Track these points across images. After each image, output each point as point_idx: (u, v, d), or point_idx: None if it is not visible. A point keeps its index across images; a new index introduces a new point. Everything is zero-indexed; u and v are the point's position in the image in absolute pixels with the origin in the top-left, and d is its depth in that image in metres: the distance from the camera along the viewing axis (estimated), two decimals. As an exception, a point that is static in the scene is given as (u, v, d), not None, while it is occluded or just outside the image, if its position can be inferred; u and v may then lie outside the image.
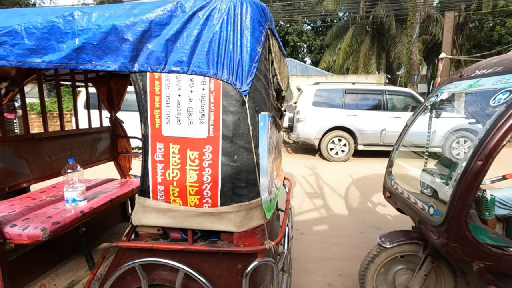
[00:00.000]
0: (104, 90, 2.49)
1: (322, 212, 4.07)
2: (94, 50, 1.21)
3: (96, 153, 2.46)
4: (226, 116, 1.19)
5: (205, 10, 1.15)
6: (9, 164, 1.72)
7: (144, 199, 1.30)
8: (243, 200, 1.25)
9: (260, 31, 1.19)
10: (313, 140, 7.16)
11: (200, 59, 1.17)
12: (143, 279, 1.34)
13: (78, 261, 2.03)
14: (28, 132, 1.92)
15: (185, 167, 1.23)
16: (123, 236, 1.38)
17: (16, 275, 1.66)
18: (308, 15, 17.19)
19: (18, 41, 1.25)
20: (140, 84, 1.22)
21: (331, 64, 16.58)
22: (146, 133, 1.25)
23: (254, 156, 1.23)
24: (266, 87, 1.28)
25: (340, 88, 7.19)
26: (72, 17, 1.21)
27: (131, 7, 1.19)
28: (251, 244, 1.29)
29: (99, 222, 2.32)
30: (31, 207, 1.85)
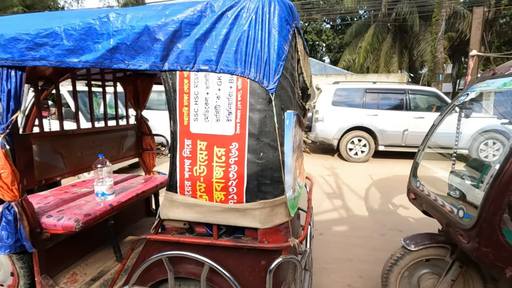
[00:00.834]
0: (130, 89, 2.59)
1: (342, 213, 4.02)
2: (127, 50, 1.26)
3: (123, 150, 2.56)
4: (253, 114, 1.21)
5: (234, 10, 1.17)
6: (46, 158, 1.83)
7: (172, 194, 1.34)
8: (268, 197, 1.26)
9: (287, 29, 1.20)
10: (332, 140, 7.07)
11: (228, 58, 1.19)
12: (169, 271, 1.38)
13: (106, 252, 2.12)
14: (62, 128, 2.03)
15: (211, 164, 1.26)
16: (151, 229, 1.43)
17: (51, 263, 1.76)
18: (328, 13, 16.94)
19: (57, 42, 1.33)
20: (169, 82, 1.26)
21: (350, 63, 16.26)
22: (175, 130, 1.29)
23: (279, 154, 1.24)
24: (292, 85, 1.29)
25: (361, 87, 7.05)
26: (108, 19, 1.27)
27: (163, 8, 1.23)
28: (275, 241, 1.30)
29: (125, 215, 2.41)
30: (64, 199, 1.96)
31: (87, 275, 1.86)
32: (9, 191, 1.52)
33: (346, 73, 13.76)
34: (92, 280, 1.80)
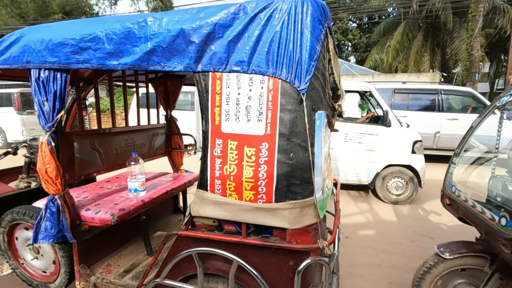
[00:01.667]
0: (161, 89, 2.69)
1: (368, 217, 3.91)
2: (163, 52, 1.31)
3: (154, 148, 2.66)
4: (284, 114, 1.21)
5: (267, 11, 1.18)
6: (85, 155, 1.95)
7: (203, 192, 1.38)
8: (298, 197, 1.26)
9: (320, 29, 1.19)
10: (358, 141, 6.87)
11: (260, 59, 1.20)
12: (199, 266, 1.42)
13: (137, 246, 2.21)
14: (100, 127, 2.15)
15: (242, 163, 1.28)
16: (182, 225, 1.48)
17: (88, 253, 1.87)
18: (354, 12, 16.51)
19: (100, 46, 1.41)
20: (202, 83, 1.30)
21: (378, 62, 15.73)
22: (207, 130, 1.32)
23: (309, 155, 1.24)
24: (323, 85, 1.28)
25: (389, 88, 6.81)
26: (145, 23, 1.33)
27: (197, 11, 1.27)
28: (304, 242, 1.30)
29: (154, 211, 2.51)
30: (100, 194, 2.07)
31: (120, 266, 1.96)
32: (53, 184, 1.63)
33: (373, 73, 13.33)
34: (125, 272, 1.89)
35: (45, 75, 1.55)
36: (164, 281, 1.51)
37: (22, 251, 1.99)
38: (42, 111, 1.58)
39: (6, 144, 8.59)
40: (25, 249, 1.98)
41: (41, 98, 1.57)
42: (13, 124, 8.39)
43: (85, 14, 12.92)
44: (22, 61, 1.58)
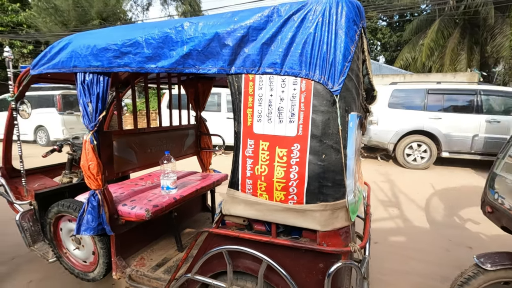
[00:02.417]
0: (192, 91, 2.78)
1: (398, 223, 3.76)
2: (199, 55, 1.36)
3: (184, 148, 2.76)
4: (316, 115, 1.21)
5: (301, 13, 1.19)
6: (123, 153, 2.07)
7: (234, 191, 1.41)
8: (329, 199, 1.25)
9: (354, 30, 1.18)
10: (388, 144, 6.64)
11: (293, 60, 1.21)
12: (229, 264, 1.45)
13: (168, 241, 2.30)
14: (136, 127, 2.27)
15: (273, 164, 1.30)
16: (213, 223, 1.52)
17: (124, 246, 1.98)
18: (384, 10, 15.94)
19: (139, 51, 1.49)
20: (235, 85, 1.33)
21: (409, 62, 15.04)
22: (239, 130, 1.35)
23: (342, 157, 1.22)
24: (357, 86, 1.26)
25: (422, 88, 6.50)
26: (182, 28, 1.39)
27: (232, 15, 1.31)
28: (334, 244, 1.28)
29: (184, 209, 2.59)
30: (135, 191, 2.18)
31: (152, 260, 2.05)
32: (94, 180, 1.75)
33: (404, 72, 12.77)
34: (157, 266, 1.98)
35: (89, 79, 1.66)
36: (195, 276, 1.56)
37: (66, 241, 2.15)
38: (86, 111, 1.70)
39: (48, 142, 9.28)
40: (68, 240, 2.14)
41: (85, 99, 1.69)
42: (54, 123, 9.04)
43: (119, 20, 13.66)
44: (69, 66, 1.71)
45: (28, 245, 2.26)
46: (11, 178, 2.38)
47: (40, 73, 1.86)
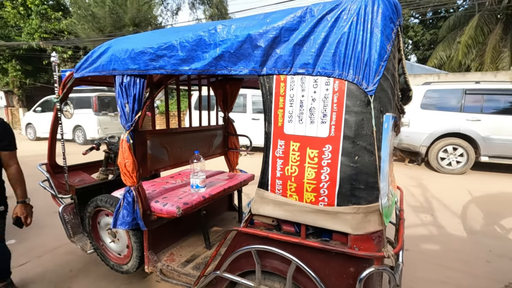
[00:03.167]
0: (220, 92, 2.83)
1: (431, 230, 3.57)
2: (231, 57, 1.39)
3: (212, 147, 2.82)
4: (349, 116, 1.19)
5: (334, 13, 1.18)
6: (156, 152, 2.16)
7: (263, 191, 1.42)
8: (362, 202, 1.22)
9: (391, 28, 1.15)
10: (420, 147, 6.33)
11: (326, 61, 1.20)
12: (257, 263, 1.46)
13: (196, 239, 2.36)
14: (168, 127, 2.36)
15: (304, 164, 1.29)
16: (242, 222, 1.54)
17: (156, 242, 2.06)
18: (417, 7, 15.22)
19: (174, 53, 1.55)
20: (266, 86, 1.34)
21: (444, 60, 14.23)
22: (269, 131, 1.36)
23: (376, 159, 1.19)
24: (392, 86, 1.22)
25: (459, 88, 6.12)
26: (215, 30, 1.42)
27: (264, 17, 1.32)
28: (366, 249, 1.25)
29: (212, 208, 2.64)
30: (166, 188, 2.26)
31: (182, 256, 2.12)
32: (130, 177, 1.84)
33: (438, 72, 12.09)
34: (186, 262, 2.04)
35: (127, 81, 1.76)
36: (224, 274, 1.59)
37: (103, 234, 2.28)
38: (123, 112, 1.79)
39: (85, 140, 9.89)
40: (105, 233, 2.26)
41: (123, 100, 1.78)
42: (91, 123, 9.63)
43: (150, 25, 14.26)
44: (109, 69, 1.81)
45: (69, 236, 2.42)
46: (55, 174, 2.56)
47: (83, 76, 1.99)
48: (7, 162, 1.91)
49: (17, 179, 1.95)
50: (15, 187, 1.95)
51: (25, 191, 1.99)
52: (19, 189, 1.96)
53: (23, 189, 1.99)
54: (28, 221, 2.00)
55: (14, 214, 1.97)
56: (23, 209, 1.99)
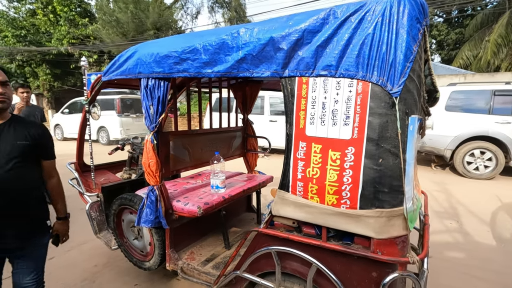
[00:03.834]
0: (240, 94, 2.87)
1: (456, 237, 3.42)
2: (253, 60, 1.41)
3: (232, 149, 2.86)
4: (373, 118, 1.17)
5: (358, 14, 1.17)
6: (178, 153, 2.22)
7: (284, 193, 1.42)
8: (385, 206, 1.20)
9: (417, 28, 1.12)
10: (444, 150, 6.08)
11: (349, 62, 1.19)
12: (277, 265, 1.47)
13: (215, 238, 2.40)
14: (190, 128, 2.42)
15: (325, 166, 1.28)
16: (262, 223, 1.55)
17: (177, 240, 2.11)
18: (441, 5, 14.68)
19: (197, 57, 1.59)
20: (288, 88, 1.35)
21: (470, 60, 13.62)
22: (290, 133, 1.36)
23: (400, 162, 1.17)
24: (418, 88, 1.20)
25: (487, 89, 5.84)
26: (238, 34, 1.45)
27: (287, 19, 1.33)
28: (390, 254, 1.22)
29: (231, 208, 2.67)
30: (187, 188, 2.31)
31: (202, 255, 2.15)
32: (153, 177, 1.90)
33: (464, 72, 11.58)
34: (206, 261, 2.07)
35: (151, 83, 1.82)
36: (243, 274, 1.60)
37: (126, 231, 2.36)
38: (148, 113, 1.86)
39: (108, 141, 10.27)
40: (128, 230, 2.34)
41: (148, 102, 1.85)
42: (114, 124, 9.99)
43: (171, 29, 14.65)
44: (135, 72, 1.89)
45: (95, 232, 2.53)
46: (82, 172, 2.69)
47: (110, 79, 2.09)
48: (49, 173, 1.65)
49: (59, 191, 1.71)
50: (56, 201, 1.70)
51: (66, 205, 1.75)
52: (60, 203, 1.71)
53: (65, 203, 1.74)
54: (65, 238, 1.77)
55: (54, 232, 1.70)
56: (64, 226, 1.74)
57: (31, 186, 1.51)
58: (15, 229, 1.45)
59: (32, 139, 1.49)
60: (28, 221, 1.51)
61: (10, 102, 1.47)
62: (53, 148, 1.65)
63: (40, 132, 1.55)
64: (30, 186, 1.51)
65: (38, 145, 1.52)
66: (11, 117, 1.50)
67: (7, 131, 1.44)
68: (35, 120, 3.04)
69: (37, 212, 1.57)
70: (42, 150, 1.57)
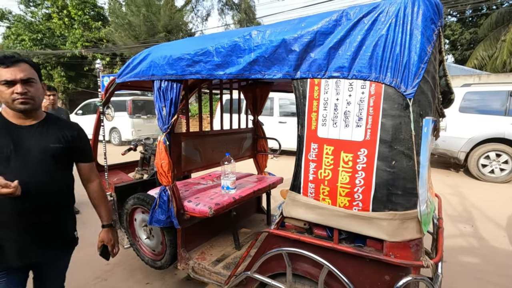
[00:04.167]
0: (250, 96, 2.88)
1: (471, 241, 3.33)
2: (265, 62, 1.42)
3: (242, 150, 2.87)
4: (386, 120, 1.17)
5: (372, 15, 1.16)
6: (189, 153, 2.25)
7: (295, 194, 1.42)
8: (398, 208, 1.19)
9: (432, 29, 1.11)
10: (458, 153, 5.95)
11: (362, 64, 1.19)
12: (288, 266, 1.47)
13: (226, 239, 2.41)
14: (201, 129, 2.45)
15: (337, 168, 1.28)
16: (273, 224, 1.55)
17: (188, 240, 2.14)
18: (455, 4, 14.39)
19: (209, 59, 1.61)
20: (300, 89, 1.35)
21: (485, 61, 13.28)
22: (302, 134, 1.37)
23: (414, 164, 1.15)
24: (433, 89, 1.18)
25: (503, 90, 5.68)
26: (250, 36, 1.46)
27: (299, 21, 1.34)
28: (403, 257, 1.21)
29: (241, 209, 2.68)
30: (198, 189, 2.34)
31: (212, 255, 2.17)
32: (165, 177, 1.92)
33: (479, 73, 11.30)
34: (216, 261, 2.09)
35: (164, 85, 1.85)
36: (254, 274, 1.61)
37: (139, 230, 2.40)
38: (161, 115, 1.89)
39: (120, 142, 10.46)
40: (141, 229, 2.38)
41: (161, 104, 1.88)
42: (126, 125, 10.17)
43: (181, 32, 14.85)
44: (148, 74, 1.92)
45: (108, 231, 2.57)
46: (96, 172, 2.74)
47: (124, 81, 2.13)
48: (87, 176, 1.51)
49: (101, 196, 1.54)
50: (99, 207, 1.53)
51: (110, 211, 1.60)
52: (103, 209, 1.54)
53: (108, 209, 1.57)
54: (115, 249, 1.59)
55: (100, 242, 1.54)
56: (111, 235, 1.56)
57: (63, 193, 1.40)
58: (42, 240, 1.33)
59: (66, 142, 1.37)
60: (57, 232, 1.38)
61: (36, 102, 1.30)
62: (91, 151, 1.53)
63: (76, 134, 1.43)
64: (62, 194, 1.40)
65: (72, 148, 1.40)
66: (45, 117, 1.38)
67: (40, 133, 1.32)
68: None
69: (67, 221, 1.45)
70: (79, 153, 1.45)
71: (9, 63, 1.21)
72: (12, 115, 1.29)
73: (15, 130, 1.28)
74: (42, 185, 1.29)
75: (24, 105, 1.25)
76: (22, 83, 1.23)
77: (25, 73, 1.24)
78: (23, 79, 1.23)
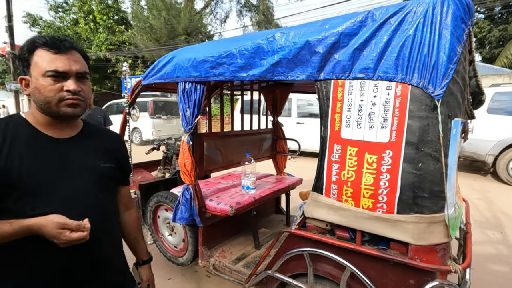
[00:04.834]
0: (270, 97, 2.90)
1: (500, 249, 3.18)
2: (288, 63, 1.44)
3: (262, 151, 2.89)
4: (413, 121, 1.15)
5: (398, 16, 1.15)
6: (211, 153, 2.30)
7: (317, 195, 1.43)
8: (425, 211, 1.16)
9: (462, 29, 1.08)
10: (486, 156, 5.68)
11: (388, 65, 1.18)
12: (309, 267, 1.47)
13: (245, 238, 2.44)
14: (222, 130, 2.50)
15: (361, 170, 1.27)
16: (295, 224, 1.56)
17: (209, 238, 2.18)
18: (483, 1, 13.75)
19: (233, 61, 1.65)
20: (323, 91, 1.36)
21: (516, 59, 12.60)
22: (325, 135, 1.37)
23: (442, 166, 1.13)
24: (462, 90, 1.15)
25: (536, 90, 5.38)
26: (274, 38, 1.48)
27: (323, 23, 1.34)
28: (429, 261, 1.18)
29: (261, 209, 2.71)
30: (219, 188, 2.38)
31: (232, 254, 2.21)
32: (188, 176, 1.98)
33: (509, 72, 10.73)
34: (237, 259, 2.12)
35: (188, 87, 1.90)
36: (275, 274, 1.62)
37: (162, 227, 2.48)
38: (184, 116, 1.95)
39: (141, 141, 10.79)
40: (164, 226, 2.46)
41: (185, 105, 1.94)
42: (146, 126, 10.48)
43: (200, 34, 15.12)
44: (173, 77, 1.99)
45: (132, 227, 2.67)
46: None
47: (149, 83, 2.21)
48: (127, 202, 1.17)
49: (139, 226, 1.22)
50: (138, 240, 1.20)
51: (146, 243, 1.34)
52: (142, 241, 1.22)
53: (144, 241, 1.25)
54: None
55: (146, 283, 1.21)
56: (151, 272, 1.25)
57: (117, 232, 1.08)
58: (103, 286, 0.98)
59: (114, 159, 1.03)
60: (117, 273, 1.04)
61: (86, 106, 0.94)
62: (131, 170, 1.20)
63: (119, 147, 1.10)
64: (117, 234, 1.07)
65: (119, 167, 1.05)
66: (83, 126, 1.01)
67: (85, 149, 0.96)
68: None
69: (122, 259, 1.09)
70: (122, 172, 1.10)
71: (64, 48, 0.87)
72: (45, 122, 0.90)
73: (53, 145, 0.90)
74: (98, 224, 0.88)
75: (74, 108, 0.89)
76: (76, 78, 0.88)
77: (80, 65, 0.90)
78: (79, 72, 0.89)
